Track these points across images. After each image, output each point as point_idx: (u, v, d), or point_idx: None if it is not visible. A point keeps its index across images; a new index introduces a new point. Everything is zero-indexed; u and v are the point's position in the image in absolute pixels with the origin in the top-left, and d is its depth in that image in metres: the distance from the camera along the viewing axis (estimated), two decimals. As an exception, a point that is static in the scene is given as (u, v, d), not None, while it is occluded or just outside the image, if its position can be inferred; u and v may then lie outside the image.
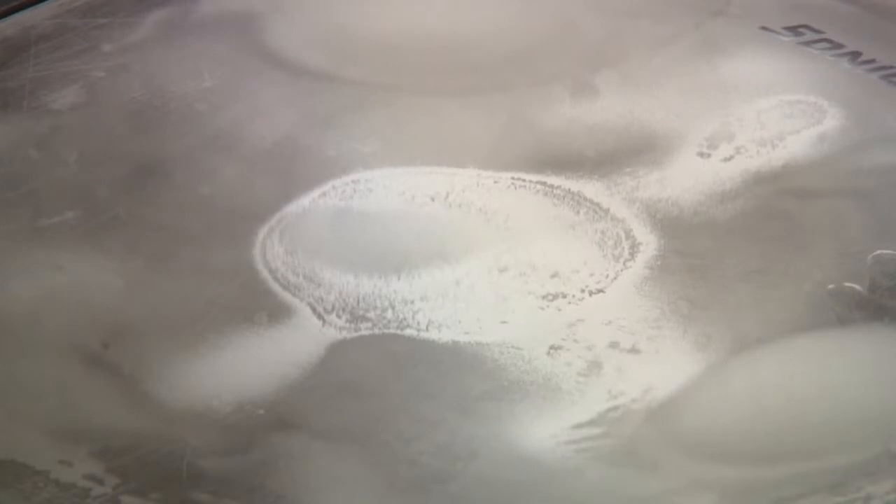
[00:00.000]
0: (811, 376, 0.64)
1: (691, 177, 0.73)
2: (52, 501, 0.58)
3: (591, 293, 0.68)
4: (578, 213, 0.71)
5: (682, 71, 0.78)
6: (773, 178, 0.73)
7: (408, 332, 0.66)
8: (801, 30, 0.79)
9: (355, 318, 0.67)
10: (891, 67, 0.77)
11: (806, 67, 0.78)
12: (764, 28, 0.80)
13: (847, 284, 0.68)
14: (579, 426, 0.62)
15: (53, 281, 0.68)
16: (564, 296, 0.68)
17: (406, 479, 0.61)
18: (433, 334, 0.66)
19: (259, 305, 0.67)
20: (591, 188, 0.72)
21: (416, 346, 0.66)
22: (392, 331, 0.66)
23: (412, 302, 0.67)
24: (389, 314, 0.67)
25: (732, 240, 0.70)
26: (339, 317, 0.67)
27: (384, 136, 0.75)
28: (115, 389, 0.64)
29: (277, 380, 0.64)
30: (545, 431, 0.62)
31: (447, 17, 0.82)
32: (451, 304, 0.67)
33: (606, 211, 0.72)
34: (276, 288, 0.68)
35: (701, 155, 0.74)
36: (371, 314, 0.67)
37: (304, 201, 0.72)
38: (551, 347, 0.65)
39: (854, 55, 0.78)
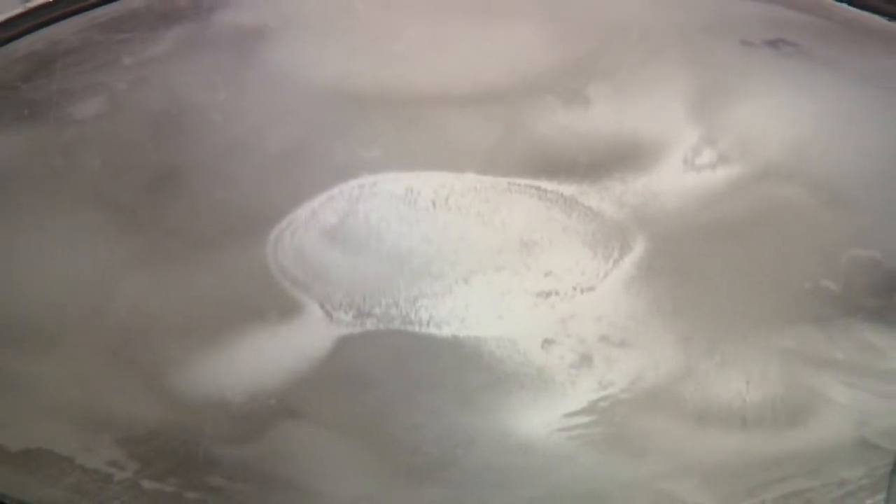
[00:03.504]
0: (788, 370, 0.64)
1: (677, 182, 0.73)
2: (78, 485, 0.59)
3: (582, 291, 0.68)
4: (571, 215, 0.72)
5: (669, 82, 0.78)
6: (753, 183, 0.73)
7: (410, 327, 0.66)
8: (778, 43, 0.80)
9: (361, 315, 0.67)
10: (863, 77, 0.77)
11: (784, 78, 0.78)
12: (744, 42, 0.80)
13: (823, 283, 0.68)
14: (571, 415, 0.62)
15: (78, 281, 0.68)
16: (557, 293, 0.68)
17: (408, 465, 0.61)
18: (434, 330, 0.66)
19: (271, 303, 0.67)
20: (582, 192, 0.73)
21: (419, 341, 0.66)
22: (396, 326, 0.66)
23: (415, 299, 0.67)
24: (393, 311, 0.67)
25: (715, 241, 0.70)
26: (345, 313, 0.67)
27: (388, 143, 0.75)
28: (137, 382, 0.64)
29: (288, 372, 0.64)
30: (539, 420, 0.62)
31: (449, 33, 0.82)
32: (451, 301, 0.67)
33: (597, 214, 0.72)
34: (287, 286, 0.68)
35: (686, 162, 0.74)
36: (376, 311, 0.67)
37: (313, 204, 0.72)
38: (545, 341, 0.65)
39: (828, 65, 0.78)
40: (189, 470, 0.59)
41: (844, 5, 0.82)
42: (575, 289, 0.68)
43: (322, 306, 0.67)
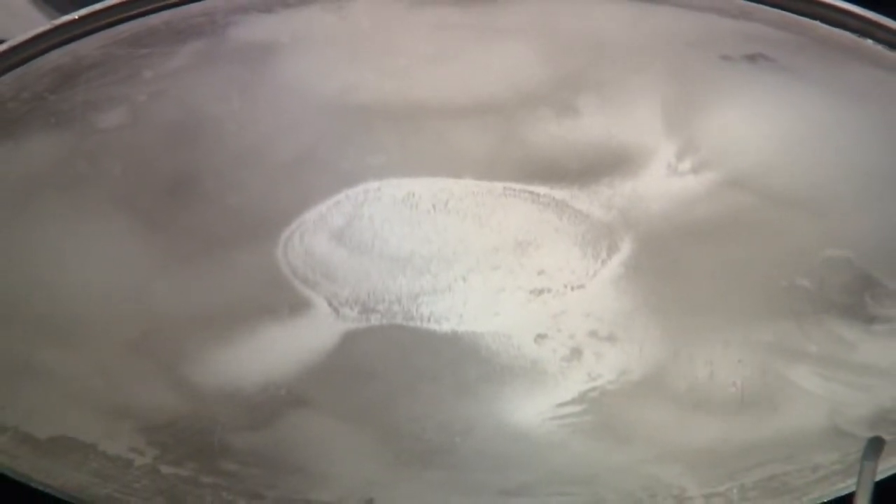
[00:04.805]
0: (765, 362, 0.64)
1: (661, 187, 0.73)
2: (100, 470, 0.58)
3: (572, 288, 0.68)
4: (562, 218, 0.71)
5: (654, 94, 0.78)
6: (733, 186, 0.73)
7: (412, 323, 0.66)
8: (756, 58, 0.79)
9: (366, 311, 0.67)
10: (835, 90, 0.77)
11: (761, 90, 0.78)
12: (724, 56, 0.80)
13: (799, 281, 0.68)
14: (563, 405, 0.62)
15: (101, 279, 0.68)
16: (549, 290, 0.68)
17: (411, 452, 0.61)
18: (434, 325, 0.66)
19: (281, 299, 0.67)
20: (573, 196, 0.72)
21: (420, 336, 0.66)
22: (398, 322, 0.66)
23: (416, 296, 0.67)
24: (396, 307, 0.67)
25: (697, 242, 0.70)
26: (351, 309, 0.67)
27: (391, 151, 0.75)
28: (156, 373, 0.64)
29: (297, 365, 0.64)
30: (533, 409, 0.62)
31: (448, 48, 0.82)
32: (450, 299, 0.67)
33: (587, 216, 0.72)
34: (297, 284, 0.68)
35: (669, 168, 0.74)
36: (380, 307, 0.67)
37: (321, 208, 0.72)
38: (538, 336, 0.65)
39: (802, 78, 0.78)
40: (205, 456, 0.59)
41: (818, 23, 0.82)
42: (566, 286, 0.68)
43: (329, 303, 0.67)
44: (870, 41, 0.80)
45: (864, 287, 0.67)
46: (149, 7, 0.83)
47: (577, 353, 0.64)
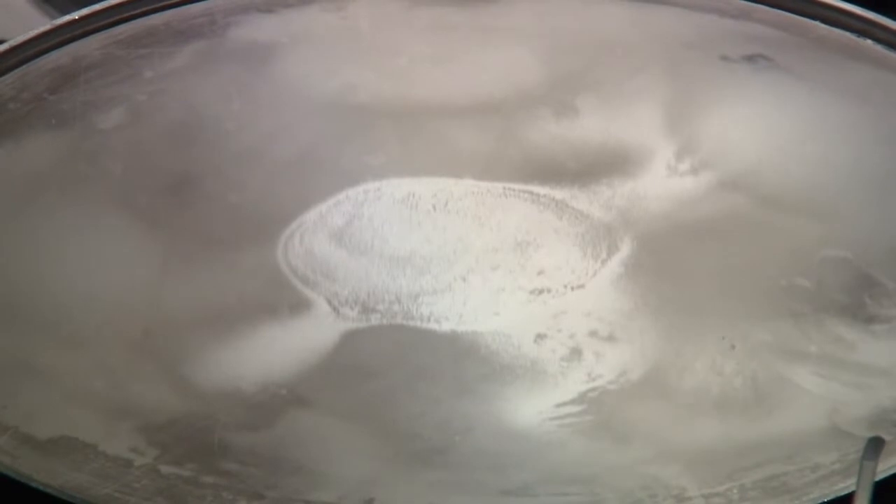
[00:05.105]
0: (764, 362, 0.64)
1: (660, 187, 0.73)
2: (101, 470, 0.58)
3: (572, 288, 0.68)
4: (561, 218, 0.71)
5: (652, 94, 0.78)
6: (732, 186, 0.73)
7: (412, 322, 0.66)
8: (755, 58, 0.79)
9: (366, 311, 0.67)
10: (834, 90, 0.77)
11: (760, 91, 0.78)
12: (723, 57, 0.80)
13: (798, 281, 0.68)
14: (562, 404, 0.62)
15: (102, 278, 0.68)
16: (549, 290, 0.68)
17: (410, 451, 0.61)
18: (434, 325, 0.66)
19: (281, 299, 0.67)
20: (573, 196, 0.72)
21: (420, 335, 0.66)
22: (398, 321, 0.66)
23: (416, 296, 0.67)
24: (396, 307, 0.67)
25: (696, 242, 0.70)
26: (351, 309, 0.67)
27: (391, 151, 0.75)
28: (156, 373, 0.64)
29: (297, 364, 0.64)
30: (532, 409, 0.62)
31: (448, 49, 0.82)
32: (449, 298, 0.67)
33: (586, 216, 0.72)
34: (297, 284, 0.68)
35: (668, 168, 0.74)
36: (380, 307, 0.67)
37: (321, 208, 0.72)
38: (538, 336, 0.65)
39: (801, 79, 0.78)
40: (205, 455, 0.59)
41: (818, 23, 0.82)
42: (566, 286, 0.68)
43: (329, 302, 0.67)
44: (870, 41, 0.80)
45: (863, 287, 0.67)
46: (149, 7, 0.83)
47: (576, 353, 0.64)
